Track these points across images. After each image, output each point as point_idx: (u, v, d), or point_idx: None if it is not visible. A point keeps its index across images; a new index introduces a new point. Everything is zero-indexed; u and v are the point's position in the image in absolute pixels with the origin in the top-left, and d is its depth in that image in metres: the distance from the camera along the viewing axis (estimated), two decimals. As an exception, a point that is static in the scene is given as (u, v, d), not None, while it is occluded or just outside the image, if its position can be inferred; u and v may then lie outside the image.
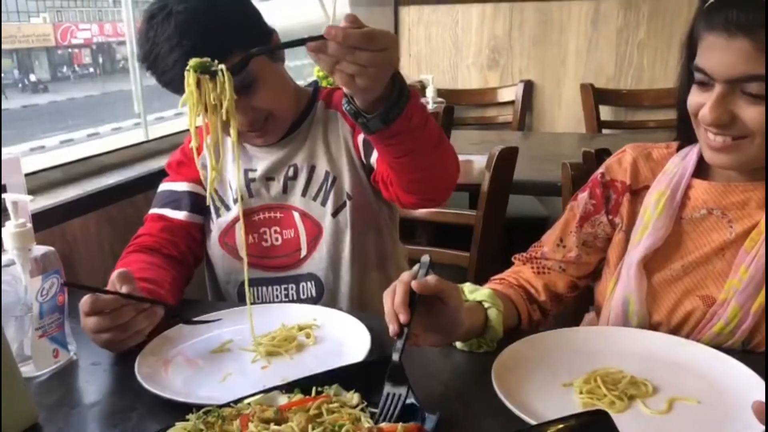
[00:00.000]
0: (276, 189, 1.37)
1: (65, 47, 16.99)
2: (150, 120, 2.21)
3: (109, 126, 14.42)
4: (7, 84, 12.66)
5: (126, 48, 2.84)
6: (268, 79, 1.25)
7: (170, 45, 1.17)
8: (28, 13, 14.94)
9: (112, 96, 17.87)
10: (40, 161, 1.97)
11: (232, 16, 1.22)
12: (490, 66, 3.82)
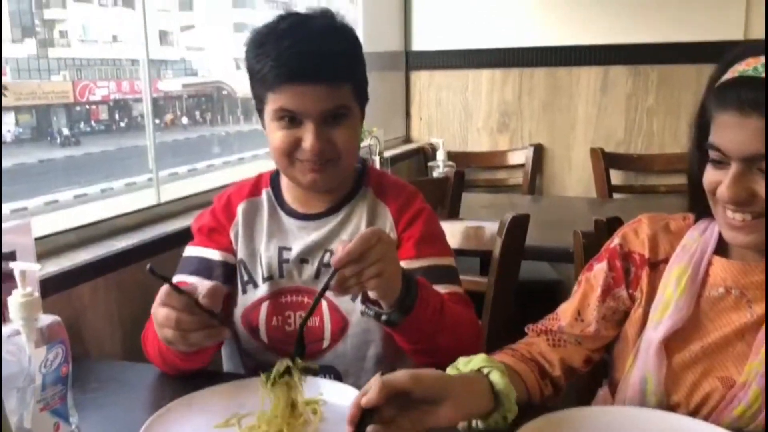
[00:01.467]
0: (309, 272, 1.31)
1: (83, 104, 17.46)
2: (163, 176, 2.23)
3: (123, 181, 14.49)
4: (24, 139, 12.81)
5: (142, 105, 2.90)
6: (354, 123, 1.25)
7: (298, 39, 1.17)
8: (49, 71, 15.42)
9: (127, 151, 18.17)
10: (52, 219, 1.98)
11: (362, 57, 1.26)
12: (500, 129, 3.86)
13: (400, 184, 1.41)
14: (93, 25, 15.92)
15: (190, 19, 18.22)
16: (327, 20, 1.21)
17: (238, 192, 1.39)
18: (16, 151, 12.77)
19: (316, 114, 1.19)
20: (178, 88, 18.85)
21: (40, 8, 13.94)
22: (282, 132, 1.22)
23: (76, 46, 15.31)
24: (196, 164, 14.99)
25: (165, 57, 16.98)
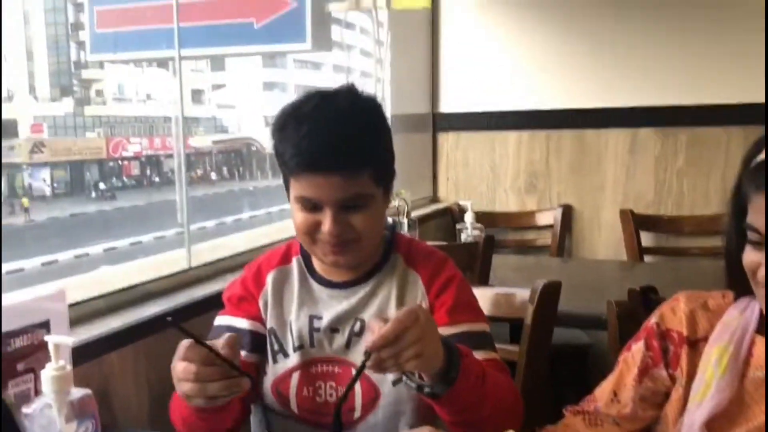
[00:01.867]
0: (339, 342, 1.30)
1: (116, 159, 18.59)
2: (193, 230, 2.24)
3: (152, 235, 15.30)
4: (59, 193, 13.51)
5: (173, 161, 2.96)
6: (376, 207, 1.24)
7: (317, 128, 1.16)
8: (85, 128, 16.51)
9: (157, 206, 19.04)
10: (86, 280, 2.00)
11: (386, 141, 1.26)
12: (528, 190, 3.85)
13: (429, 250, 1.40)
14: (128, 84, 17.06)
15: (221, 79, 19.32)
16: (349, 102, 1.21)
17: (268, 261, 1.40)
18: (50, 205, 13.49)
19: (333, 202, 1.20)
20: (209, 144, 19.82)
21: (79, 69, 14.88)
22: (302, 214, 1.24)
23: (111, 104, 16.37)
24: (225, 218, 15.61)
25: (197, 114, 18.10)
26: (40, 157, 38.50)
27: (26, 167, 37.97)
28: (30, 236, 26.29)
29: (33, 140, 38.13)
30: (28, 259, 20.75)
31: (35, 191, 37.36)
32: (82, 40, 33.14)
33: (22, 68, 40.35)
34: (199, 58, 5.51)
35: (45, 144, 38.63)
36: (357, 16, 9.29)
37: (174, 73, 2.44)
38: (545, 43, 3.76)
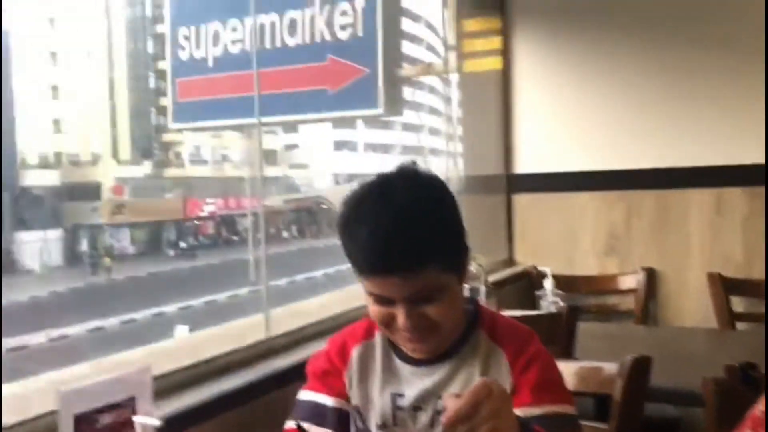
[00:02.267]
0: (423, 421, 1.27)
1: (192, 219, 19.23)
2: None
3: (226, 293, 15.69)
4: (137, 253, 14.04)
5: (247, 220, 3.02)
6: (449, 295, 1.22)
7: (374, 231, 1.15)
8: (163, 189, 17.27)
9: (231, 264, 19.54)
10: (162, 348, 2.02)
11: (450, 230, 1.21)
12: (608, 253, 3.73)
13: (514, 325, 1.37)
14: (205, 146, 17.81)
15: (294, 140, 19.96)
16: (407, 196, 1.17)
17: (352, 335, 1.39)
18: (130, 264, 14.04)
19: (402, 298, 1.19)
20: (281, 203, 20.37)
21: (159, 133, 15.67)
22: (376, 307, 1.23)
23: (188, 166, 17.13)
24: (297, 276, 15.80)
25: (270, 174, 18.65)
26: (121, 218, 40.27)
27: (107, 228, 39.76)
28: (110, 295, 27.29)
29: (114, 202, 40.00)
30: (108, 318, 21.48)
31: (116, 251, 38.97)
32: (163, 105, 35.05)
33: (107, 134, 42.74)
34: (275, 125, 5.71)
35: (125, 205, 40.43)
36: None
37: (249, 137, 2.50)
38: (623, 100, 3.69)
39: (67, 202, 39.19)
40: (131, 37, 41.84)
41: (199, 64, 4.29)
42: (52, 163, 43.43)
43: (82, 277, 31.01)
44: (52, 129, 45.65)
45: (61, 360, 12.35)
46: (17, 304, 25.98)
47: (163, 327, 17.08)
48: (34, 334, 19.41)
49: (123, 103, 42.25)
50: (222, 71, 4.16)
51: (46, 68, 45.36)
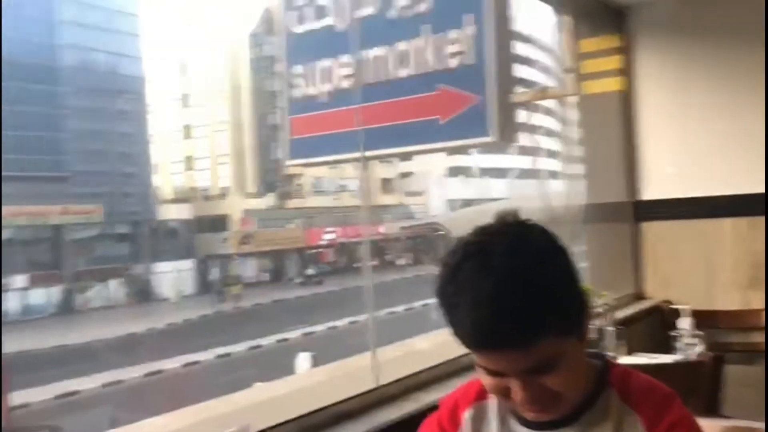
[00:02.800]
0: None
1: (313, 248, 19.83)
2: (381, 315, 2.16)
3: (347, 320, 15.97)
4: (263, 281, 14.53)
5: (363, 247, 3.02)
6: (569, 361, 1.07)
7: (476, 302, 1.02)
8: (285, 220, 17.88)
9: (351, 291, 19.92)
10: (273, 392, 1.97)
11: (560, 294, 1.05)
12: (752, 284, 3.36)
13: (650, 385, 1.19)
14: (324, 178, 18.40)
15: (408, 167, 20.14)
16: (509, 264, 1.02)
17: (464, 396, 1.26)
18: (255, 292, 14.60)
19: (515, 372, 1.05)
20: (397, 230, 20.46)
21: (281, 166, 16.34)
22: (487, 378, 1.09)
23: (309, 196, 17.76)
24: (413, 303, 15.74)
25: (386, 202, 18.98)
26: (247, 248, 42.13)
27: (235, 257, 41.71)
28: (237, 322, 28.47)
29: (241, 232, 41.96)
30: (236, 345, 22.34)
31: (244, 279, 40.76)
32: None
33: (234, 169, 45.07)
34: (384, 157, 5.82)
35: (251, 235, 42.30)
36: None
37: (364, 168, 2.49)
38: (760, 118, 3.35)
39: (198, 233, 41.57)
40: (255, 77, 44.09)
41: (312, 101, 4.36)
42: (185, 197, 46.37)
43: (211, 304, 32.58)
44: (185, 165, 48.81)
45: (194, 385, 12.85)
46: (156, 330, 27.70)
47: (287, 352, 17.50)
48: (169, 359, 20.51)
49: (248, 139, 44.44)
50: (332, 107, 4.20)
51: (178, 110, 48.72)
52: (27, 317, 31.71)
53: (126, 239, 38.29)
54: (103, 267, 36.03)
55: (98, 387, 17.87)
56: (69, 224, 34.96)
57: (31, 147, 33.62)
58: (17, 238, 33.77)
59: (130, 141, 38.00)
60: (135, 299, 36.11)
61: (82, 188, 35.59)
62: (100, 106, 36.69)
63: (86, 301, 34.87)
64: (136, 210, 38.00)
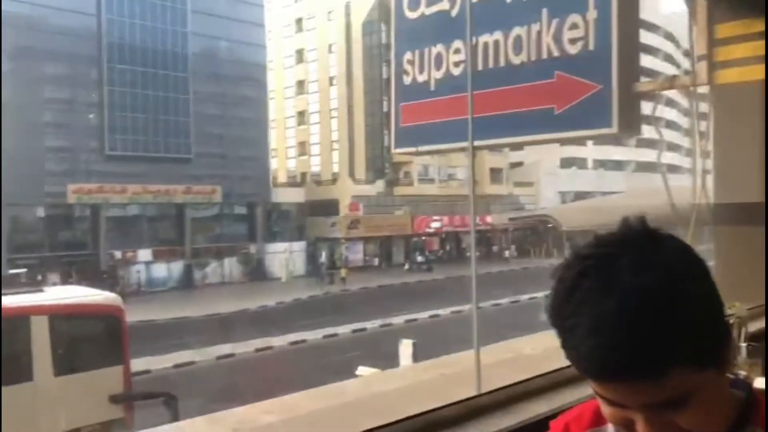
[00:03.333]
0: None
1: (419, 235, 20.14)
2: (485, 306, 2.04)
3: (450, 309, 16.04)
4: (371, 266, 14.88)
5: (470, 236, 2.90)
6: (704, 396, 0.92)
7: (595, 325, 0.88)
8: (393, 206, 18.20)
9: (456, 280, 19.96)
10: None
11: (696, 318, 0.89)
12: None
13: None
14: (432, 166, 18.53)
15: (519, 157, 19.85)
16: (636, 285, 0.87)
17: (577, 420, 1.12)
18: (361, 276, 14.95)
19: (640, 407, 0.89)
20: (505, 221, 20.24)
21: (390, 154, 16.59)
22: (608, 409, 0.94)
23: (416, 184, 18.02)
24: (520, 296, 15.56)
25: (495, 192, 18.85)
26: (355, 233, 42.83)
27: (344, 242, 42.56)
28: (344, 304, 29.07)
29: (350, 217, 42.70)
30: (341, 327, 22.81)
31: (351, 263, 41.53)
32: (395, 127, 36.58)
33: (345, 155, 45.88)
34: (493, 147, 5.46)
35: (360, 221, 42.96)
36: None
37: (475, 156, 2.36)
38: None
39: (309, 217, 42.69)
40: (368, 64, 44.57)
41: (422, 89, 4.26)
42: (297, 181, 47.70)
43: (319, 286, 33.43)
44: (298, 151, 50.19)
45: (300, 363, 13.18)
46: (267, 308, 28.79)
47: (389, 337, 17.64)
48: (278, 336, 21.22)
49: (360, 126, 45.08)
50: (443, 94, 4.09)
51: (294, 96, 50.13)
52: (150, 289, 33.89)
53: (242, 220, 39.97)
54: (220, 245, 37.86)
55: (212, 359, 18.75)
56: (190, 203, 36.91)
57: (158, 130, 35.69)
58: (144, 215, 36.07)
59: (250, 126, 39.51)
60: (248, 277, 37.68)
61: (203, 170, 37.48)
62: (222, 91, 38.38)
63: (203, 277, 36.79)
64: (253, 192, 39.53)
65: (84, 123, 33.72)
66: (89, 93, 34.10)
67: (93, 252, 33.88)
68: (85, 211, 34.22)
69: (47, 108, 33.08)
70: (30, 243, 32.50)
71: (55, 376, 8.72)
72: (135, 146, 35.16)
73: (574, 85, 3.90)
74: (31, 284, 21.66)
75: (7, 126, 31.23)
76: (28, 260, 31.37)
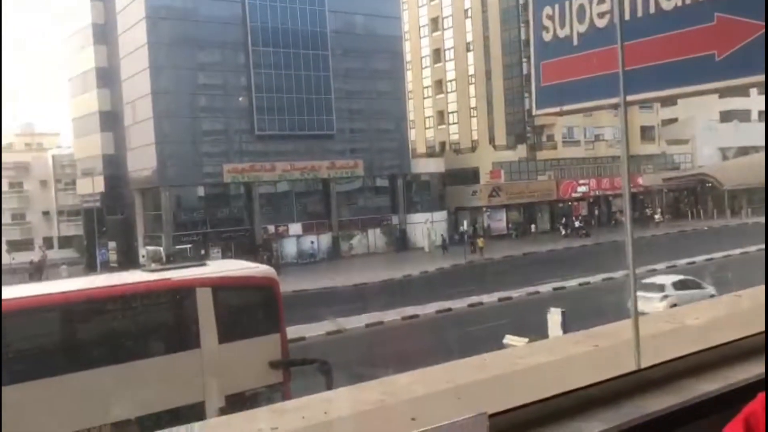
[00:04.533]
0: None
1: (565, 200, 19.31)
2: (640, 272, 1.88)
3: (600, 276, 15.32)
4: (513, 233, 14.42)
5: (620, 200, 2.69)
6: None
7: None
8: (536, 171, 17.59)
9: (606, 247, 19.01)
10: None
11: None
12: None
13: None
14: (577, 127, 17.72)
15: (672, 113, 18.37)
16: None
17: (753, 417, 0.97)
18: (504, 244, 14.59)
19: None
20: (659, 182, 18.90)
21: (531, 117, 16.06)
22: None
23: (560, 147, 17.27)
24: (677, 261, 14.56)
25: (646, 152, 17.70)
26: (497, 200, 42.17)
27: (485, 210, 42.07)
28: (487, 273, 28.85)
29: (491, 185, 42.07)
30: (486, 295, 22.67)
31: (493, 231, 41.03)
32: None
33: (484, 122, 45.13)
34: (645, 102, 5.02)
35: (501, 188, 42.22)
36: None
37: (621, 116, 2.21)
38: None
39: (449, 186, 42.55)
40: (505, 27, 43.34)
41: (563, 44, 4.01)
42: (436, 151, 47.63)
43: (462, 255, 33.38)
44: (437, 120, 50.03)
45: (448, 331, 13.29)
46: (411, 277, 29.22)
47: (537, 306, 17.26)
48: (423, 305, 21.47)
49: (498, 91, 44.09)
50: (587, 49, 3.82)
51: (430, 66, 49.88)
52: (301, 261, 35.58)
53: (383, 192, 40.68)
54: (363, 217, 38.86)
55: (362, 327, 19.35)
56: (335, 178, 38.09)
57: (303, 108, 37.01)
58: (292, 191, 37.74)
59: (388, 98, 39.92)
60: (392, 248, 38.42)
61: (345, 145, 38.50)
62: (360, 66, 39.02)
63: (350, 249, 38.02)
64: (393, 164, 40.06)
65: (235, 106, 35.67)
66: (238, 77, 35.97)
67: (248, 227, 36.01)
68: (239, 189, 36.36)
69: (202, 93, 35.31)
70: (193, 221, 35.10)
71: (219, 344, 9.37)
72: (281, 125, 36.72)
73: (736, 26, 3.49)
74: (195, 259, 23.41)
75: (168, 112, 33.82)
76: (192, 237, 33.97)
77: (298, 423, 1.57)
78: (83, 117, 40.22)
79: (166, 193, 34.07)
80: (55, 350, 8.75)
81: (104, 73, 38.61)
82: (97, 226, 36.53)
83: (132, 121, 36.42)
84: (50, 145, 54.63)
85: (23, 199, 47.75)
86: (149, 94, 34.20)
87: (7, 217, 46.18)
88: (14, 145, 56.71)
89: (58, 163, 48.13)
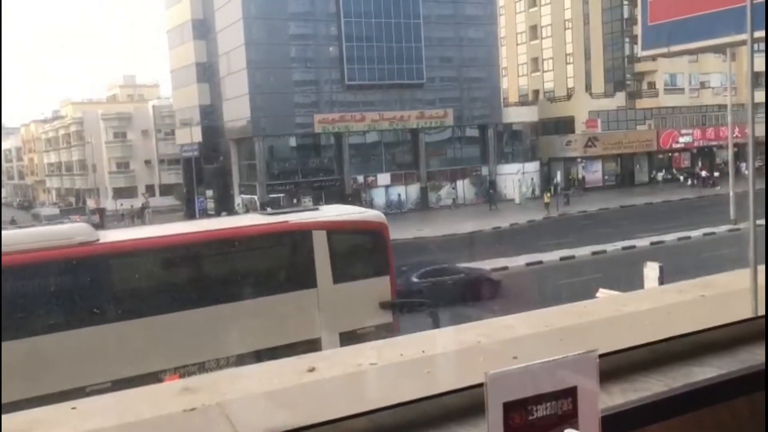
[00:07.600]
0: None
1: (666, 151, 18.39)
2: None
3: (701, 231, 14.59)
4: (609, 185, 13.90)
5: (727, 152, 2.51)
6: None
7: None
8: (636, 121, 16.89)
9: (707, 200, 18.10)
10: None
11: None
12: None
13: None
14: (681, 74, 16.64)
15: (790, 57, 15.87)
16: None
17: None
18: (600, 196, 14.12)
19: None
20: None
21: (632, 63, 15.24)
22: None
23: (662, 95, 16.31)
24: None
25: (757, 100, 15.94)
26: (593, 151, 40.72)
27: (580, 160, 40.75)
28: (581, 226, 28.15)
29: (587, 135, 40.60)
30: (579, 248, 22.17)
31: (588, 183, 39.78)
32: (636, 35, 33.46)
33: (580, 69, 43.31)
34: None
35: (598, 138, 40.69)
36: None
37: (732, 59, 2.04)
38: None
39: (542, 136, 41.40)
40: (605, -34, 41.10)
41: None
42: (530, 99, 46.29)
43: (555, 207, 32.64)
44: (530, 67, 48.46)
45: (539, 284, 13.21)
46: (501, 229, 28.95)
47: (632, 261, 16.73)
48: (512, 258, 21.26)
49: (596, 36, 42.09)
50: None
51: (525, 11, 48.09)
52: (389, 211, 35.83)
53: (473, 142, 40.08)
54: (453, 168, 38.50)
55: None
56: (424, 128, 37.81)
57: (392, 57, 36.71)
58: (381, 141, 37.80)
59: (480, 45, 38.94)
60: (482, 199, 38.01)
61: (435, 94, 38.00)
62: (452, 12, 38.14)
63: (438, 199, 37.87)
64: (483, 113, 39.30)
65: (325, 56, 35.81)
66: (328, 26, 35.99)
67: (338, 177, 36.49)
68: (329, 139, 36.78)
69: (292, 44, 35.64)
70: (285, 171, 35.90)
71: (334, 284, 9.79)
72: (371, 75, 36.61)
73: None
74: (288, 207, 23.95)
75: (260, 63, 34.42)
76: (284, 186, 34.82)
77: (396, 359, 1.59)
78: (181, 68, 41.53)
79: (260, 144, 34.90)
80: (191, 286, 9.60)
81: (200, 25, 39.55)
82: (195, 175, 38.05)
83: (227, 72, 37.27)
84: (151, 96, 56.99)
85: (126, 148, 50.29)
86: (242, 45, 34.81)
87: (113, 165, 49.11)
88: (118, 96, 59.57)
89: (158, 114, 50.18)
